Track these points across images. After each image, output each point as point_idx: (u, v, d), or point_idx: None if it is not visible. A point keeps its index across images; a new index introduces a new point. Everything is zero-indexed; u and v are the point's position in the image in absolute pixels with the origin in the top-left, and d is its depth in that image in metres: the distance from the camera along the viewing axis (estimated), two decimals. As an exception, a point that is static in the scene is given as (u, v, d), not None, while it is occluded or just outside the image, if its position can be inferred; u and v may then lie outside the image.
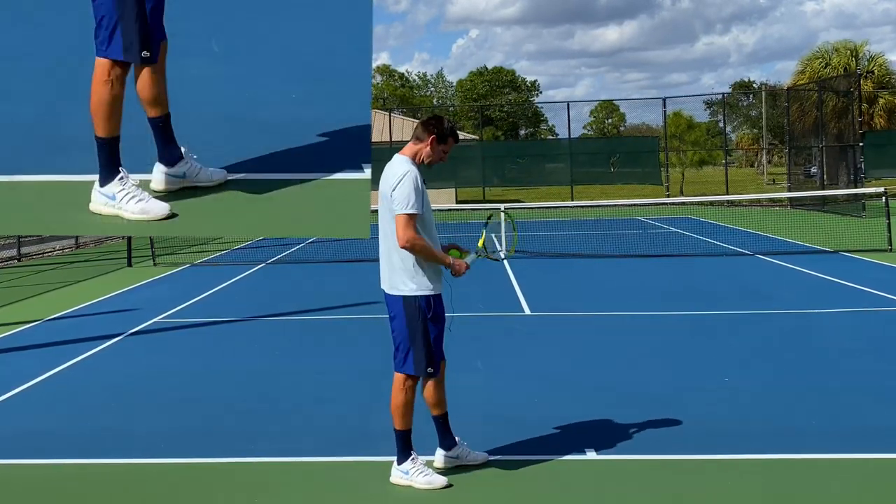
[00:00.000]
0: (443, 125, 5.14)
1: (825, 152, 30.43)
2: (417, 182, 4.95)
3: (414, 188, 4.92)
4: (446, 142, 5.13)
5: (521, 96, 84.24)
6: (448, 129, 5.15)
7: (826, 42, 50.49)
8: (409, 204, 4.89)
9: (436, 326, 5.08)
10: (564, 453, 5.56)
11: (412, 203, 4.89)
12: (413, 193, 4.91)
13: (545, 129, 79.80)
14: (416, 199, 4.91)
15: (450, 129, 5.16)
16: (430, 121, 5.18)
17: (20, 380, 7.84)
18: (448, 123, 5.19)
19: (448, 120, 5.25)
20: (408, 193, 4.90)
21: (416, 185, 4.93)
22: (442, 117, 5.26)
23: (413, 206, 4.90)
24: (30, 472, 5.54)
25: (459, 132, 5.71)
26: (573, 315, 10.80)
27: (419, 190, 4.94)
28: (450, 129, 5.16)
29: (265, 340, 9.61)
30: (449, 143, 5.16)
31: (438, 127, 5.11)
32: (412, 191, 4.91)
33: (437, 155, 5.12)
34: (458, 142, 5.23)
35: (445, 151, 5.16)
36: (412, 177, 4.95)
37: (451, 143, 5.17)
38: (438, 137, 5.09)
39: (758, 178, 59.92)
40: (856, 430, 5.95)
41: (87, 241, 22.93)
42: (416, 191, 4.92)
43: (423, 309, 5.02)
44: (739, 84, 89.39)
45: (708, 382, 7.31)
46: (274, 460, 5.59)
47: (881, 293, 11.55)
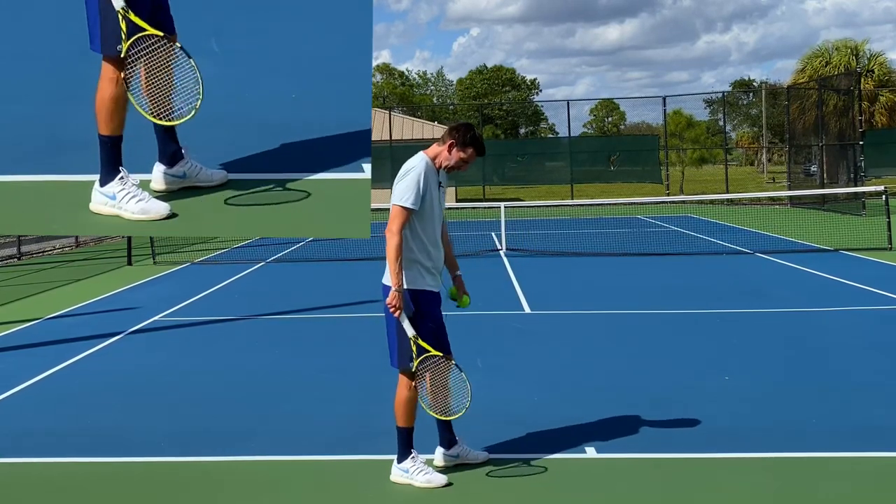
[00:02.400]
0: (464, 133, 5.10)
1: (825, 151, 30.43)
2: (421, 179, 4.95)
3: (415, 184, 4.94)
4: (465, 151, 5.09)
5: (520, 94, 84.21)
6: (469, 139, 5.10)
7: (826, 40, 50.51)
8: (404, 197, 4.94)
9: (422, 323, 5.03)
10: (564, 452, 5.56)
11: (407, 197, 4.93)
12: (412, 188, 4.93)
13: (545, 128, 79.76)
14: (412, 195, 4.93)
15: (471, 139, 5.11)
16: (456, 126, 5.17)
17: (20, 378, 7.85)
18: (472, 133, 5.14)
19: (476, 130, 5.20)
20: (406, 187, 4.95)
21: (419, 181, 4.95)
22: (471, 126, 5.23)
23: (407, 200, 4.93)
24: (30, 471, 5.55)
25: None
26: (573, 313, 10.80)
27: (420, 187, 4.95)
28: (471, 139, 5.11)
29: (265, 339, 9.62)
30: (469, 153, 5.10)
31: (460, 134, 5.10)
32: (412, 186, 4.94)
33: (454, 161, 5.11)
34: (480, 154, 5.15)
35: (465, 160, 5.11)
36: (417, 172, 4.98)
37: (471, 153, 5.11)
38: (457, 143, 5.08)
39: (758, 176, 59.92)
40: (856, 428, 5.95)
41: (87, 240, 22.93)
42: (415, 187, 4.93)
43: (406, 301, 5.02)
44: (739, 82, 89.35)
45: (708, 381, 7.31)
46: (274, 458, 5.59)
47: (881, 291, 11.56)
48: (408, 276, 5.01)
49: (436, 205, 5.10)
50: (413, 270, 5.02)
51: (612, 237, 20.45)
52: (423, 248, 5.05)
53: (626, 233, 21.80)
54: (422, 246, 5.04)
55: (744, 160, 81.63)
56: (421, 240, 5.04)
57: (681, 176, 42.19)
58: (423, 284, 5.04)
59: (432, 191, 5.05)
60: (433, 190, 5.06)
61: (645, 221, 25.68)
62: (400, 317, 4.93)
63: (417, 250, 5.04)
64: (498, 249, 18.06)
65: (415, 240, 5.03)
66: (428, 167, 5.05)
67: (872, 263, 14.73)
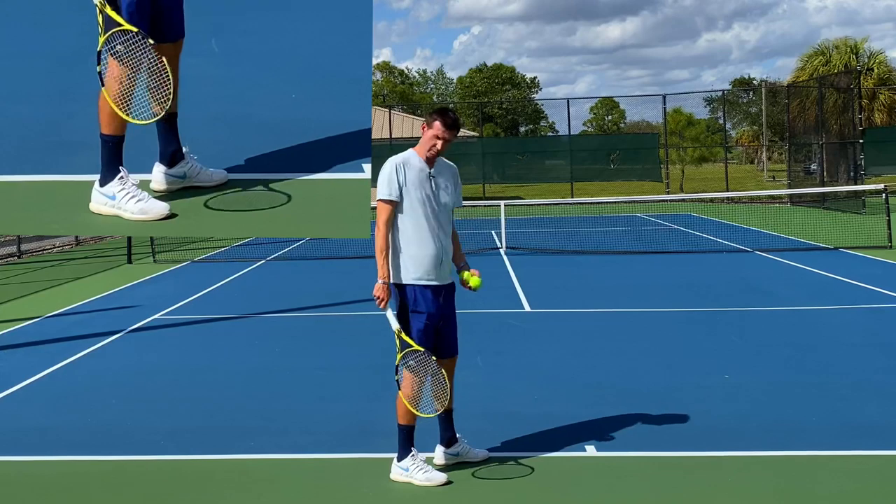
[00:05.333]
0: (430, 113, 5.12)
1: (825, 149, 30.42)
2: (393, 170, 5.02)
3: (386, 176, 5.03)
4: (432, 126, 5.03)
5: (520, 93, 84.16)
6: (434, 115, 5.06)
7: (826, 39, 50.51)
8: (381, 190, 5.05)
9: (414, 318, 5.04)
10: (564, 450, 5.57)
11: (381, 190, 5.04)
12: (384, 181, 5.03)
13: (545, 126, 79.70)
14: (385, 187, 5.01)
15: (436, 114, 5.06)
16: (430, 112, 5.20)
17: (20, 377, 7.86)
18: (439, 109, 5.09)
19: (446, 109, 5.15)
20: (380, 181, 5.06)
21: (391, 172, 5.02)
22: (444, 108, 5.19)
23: (383, 192, 5.03)
24: (30, 469, 5.56)
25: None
26: (573, 311, 10.81)
27: (392, 178, 5.00)
28: (436, 114, 5.06)
29: (265, 337, 9.62)
30: (435, 126, 5.01)
31: (427, 116, 5.16)
32: (384, 178, 5.04)
33: (428, 143, 5.05)
34: (446, 123, 5.00)
35: (437, 137, 5.00)
36: (390, 165, 5.05)
37: (438, 128, 5.00)
38: (426, 126, 5.10)
39: (758, 174, 59.86)
40: (856, 426, 5.96)
41: (87, 238, 22.92)
42: (387, 178, 5.02)
43: (395, 295, 5.06)
44: (739, 81, 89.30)
45: (708, 379, 7.32)
46: (274, 457, 5.60)
47: (881, 290, 11.56)
48: (394, 270, 5.03)
49: (421, 197, 5.03)
50: (399, 264, 5.04)
51: (612, 235, 20.45)
52: (408, 241, 5.04)
53: (626, 231, 21.80)
54: (407, 239, 5.04)
55: (744, 158, 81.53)
56: (407, 232, 5.03)
57: (681, 174, 42.19)
58: (409, 279, 5.04)
59: (415, 182, 5.02)
60: (416, 182, 5.03)
61: (645, 220, 25.67)
62: (385, 308, 4.96)
63: (404, 243, 5.04)
64: (498, 248, 18.06)
65: (400, 233, 5.05)
66: (407, 160, 5.07)
67: (872, 262, 14.74)
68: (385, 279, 4.96)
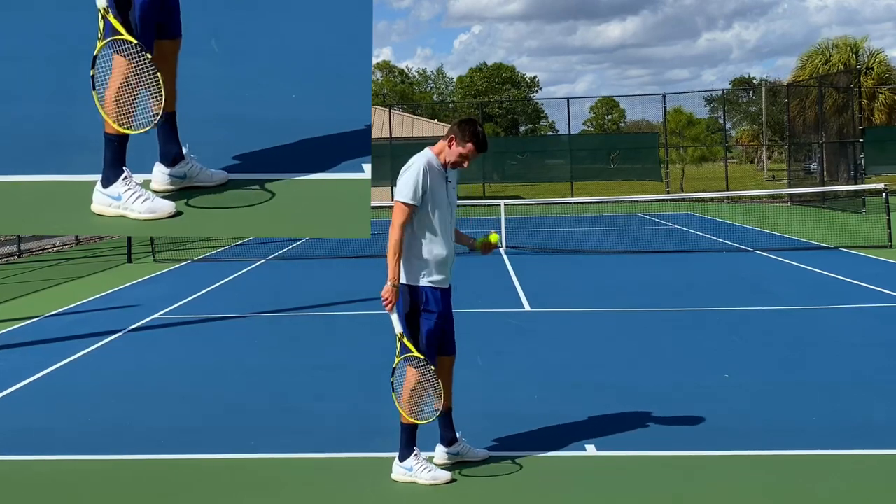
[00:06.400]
0: (465, 128, 5.05)
1: (825, 148, 30.43)
2: (420, 175, 4.94)
3: (413, 180, 4.94)
4: (465, 146, 5.03)
5: (520, 92, 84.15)
6: (469, 134, 5.03)
7: (826, 38, 50.48)
8: (405, 193, 4.94)
9: (424, 320, 5.04)
10: (565, 449, 5.57)
11: (405, 193, 4.94)
12: (410, 185, 4.94)
13: (545, 126, 79.70)
14: (410, 191, 4.93)
15: (471, 134, 5.04)
16: (459, 121, 5.13)
17: (19, 376, 7.85)
18: (474, 128, 5.07)
19: (478, 126, 5.13)
20: (404, 183, 4.97)
21: (417, 177, 4.94)
22: (474, 121, 5.17)
23: (408, 196, 4.93)
24: (29, 469, 5.55)
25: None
26: (573, 311, 10.81)
27: (418, 183, 4.93)
28: (471, 134, 5.04)
29: (265, 337, 9.62)
30: (468, 149, 5.03)
31: (461, 129, 5.06)
32: (410, 182, 4.94)
33: (454, 157, 5.06)
34: (481, 150, 5.05)
35: (464, 156, 5.04)
36: (416, 168, 4.97)
37: (469, 149, 5.03)
38: (457, 139, 5.05)
39: (758, 174, 59.88)
40: (856, 426, 5.96)
41: (86, 238, 22.92)
42: (413, 183, 4.93)
43: (404, 297, 5.03)
44: (739, 80, 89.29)
45: (708, 379, 7.32)
46: (274, 456, 5.60)
47: (881, 289, 11.56)
48: (408, 272, 5.01)
49: (440, 200, 5.05)
50: (414, 266, 5.02)
51: (613, 235, 20.45)
52: (426, 244, 5.02)
53: (626, 230, 21.80)
54: (425, 242, 5.02)
55: (744, 158, 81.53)
56: (424, 236, 5.02)
57: (681, 174, 42.18)
58: (424, 281, 5.04)
59: (436, 187, 5.02)
60: (437, 186, 5.03)
61: (645, 219, 25.67)
62: (391, 311, 4.94)
63: (420, 246, 5.02)
64: (498, 247, 18.06)
65: (417, 236, 5.02)
66: (430, 163, 5.03)
67: (872, 261, 14.74)
68: (395, 281, 4.92)
